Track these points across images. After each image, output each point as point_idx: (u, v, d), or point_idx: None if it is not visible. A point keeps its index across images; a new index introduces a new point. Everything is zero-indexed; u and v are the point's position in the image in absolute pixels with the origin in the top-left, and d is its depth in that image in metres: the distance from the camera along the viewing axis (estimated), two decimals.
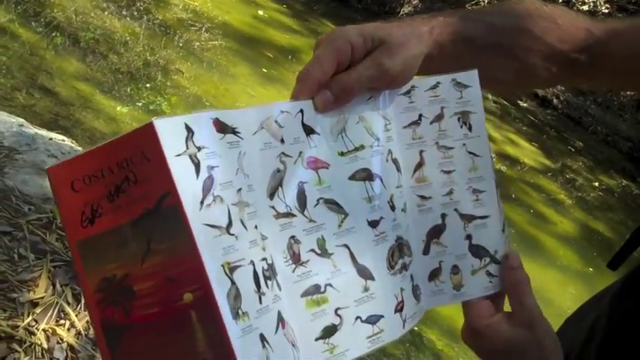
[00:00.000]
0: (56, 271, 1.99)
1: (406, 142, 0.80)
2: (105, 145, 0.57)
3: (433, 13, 0.81)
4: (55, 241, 2.09)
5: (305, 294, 0.68)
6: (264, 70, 5.50)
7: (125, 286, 0.56)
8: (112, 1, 5.29)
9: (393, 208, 0.76)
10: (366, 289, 0.72)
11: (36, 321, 1.83)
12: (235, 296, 0.57)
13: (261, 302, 0.60)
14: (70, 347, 1.83)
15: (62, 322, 1.88)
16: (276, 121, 0.68)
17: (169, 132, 0.56)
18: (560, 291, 4.62)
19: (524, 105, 8.27)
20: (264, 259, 0.63)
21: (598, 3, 8.71)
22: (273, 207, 0.67)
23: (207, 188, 0.58)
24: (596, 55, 0.83)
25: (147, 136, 0.55)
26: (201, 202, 0.57)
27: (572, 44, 0.82)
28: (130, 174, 0.56)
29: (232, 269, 0.58)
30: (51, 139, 2.61)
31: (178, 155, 0.56)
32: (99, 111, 3.79)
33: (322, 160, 0.72)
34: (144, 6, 5.51)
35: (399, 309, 0.75)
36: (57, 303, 1.91)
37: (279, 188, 0.68)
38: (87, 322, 1.89)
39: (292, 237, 0.68)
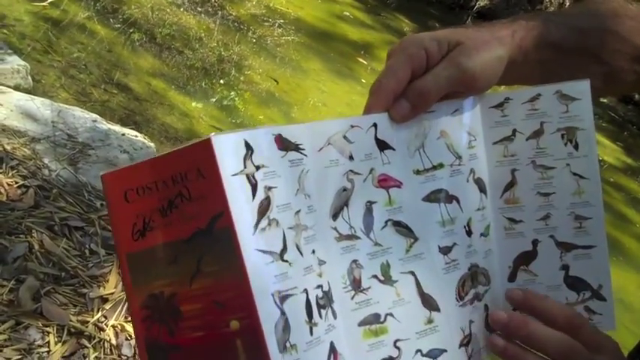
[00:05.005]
0: None
1: (496, 160, 0.73)
2: (161, 156, 0.55)
3: (513, 17, 0.75)
4: None
5: (363, 323, 0.64)
6: (337, 65, 5.47)
7: (172, 305, 0.54)
8: None
9: (469, 233, 0.71)
10: (429, 321, 0.68)
11: (105, 317, 1.85)
12: (284, 328, 0.54)
13: (312, 334, 0.57)
14: None
15: (131, 318, 1.90)
16: (345, 137, 0.64)
17: (227, 149, 0.53)
18: None
19: (604, 101, 7.99)
20: (320, 286, 0.60)
21: None
22: (335, 228, 0.63)
23: (262, 211, 0.55)
24: None
25: (203, 153, 0.52)
26: (255, 226, 0.54)
27: None
28: (184, 190, 0.53)
29: (283, 298, 0.54)
30: (124, 134, 2.65)
31: (235, 175, 0.53)
32: (172, 107, 3.83)
33: (395, 179, 0.67)
34: (218, 2, 5.56)
35: (465, 343, 0.70)
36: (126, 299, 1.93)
37: (345, 208, 0.64)
38: None
39: (354, 261, 0.64)
